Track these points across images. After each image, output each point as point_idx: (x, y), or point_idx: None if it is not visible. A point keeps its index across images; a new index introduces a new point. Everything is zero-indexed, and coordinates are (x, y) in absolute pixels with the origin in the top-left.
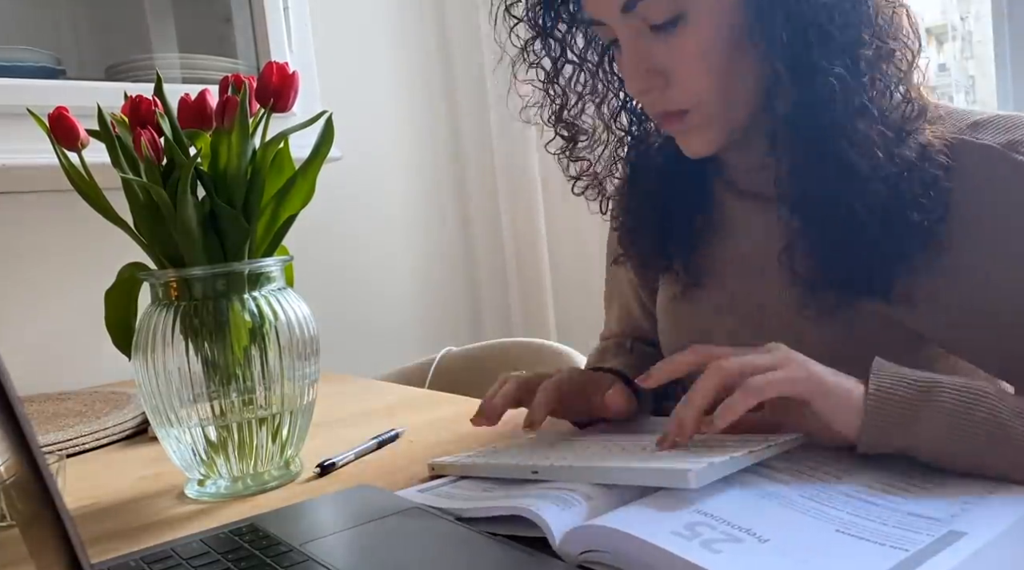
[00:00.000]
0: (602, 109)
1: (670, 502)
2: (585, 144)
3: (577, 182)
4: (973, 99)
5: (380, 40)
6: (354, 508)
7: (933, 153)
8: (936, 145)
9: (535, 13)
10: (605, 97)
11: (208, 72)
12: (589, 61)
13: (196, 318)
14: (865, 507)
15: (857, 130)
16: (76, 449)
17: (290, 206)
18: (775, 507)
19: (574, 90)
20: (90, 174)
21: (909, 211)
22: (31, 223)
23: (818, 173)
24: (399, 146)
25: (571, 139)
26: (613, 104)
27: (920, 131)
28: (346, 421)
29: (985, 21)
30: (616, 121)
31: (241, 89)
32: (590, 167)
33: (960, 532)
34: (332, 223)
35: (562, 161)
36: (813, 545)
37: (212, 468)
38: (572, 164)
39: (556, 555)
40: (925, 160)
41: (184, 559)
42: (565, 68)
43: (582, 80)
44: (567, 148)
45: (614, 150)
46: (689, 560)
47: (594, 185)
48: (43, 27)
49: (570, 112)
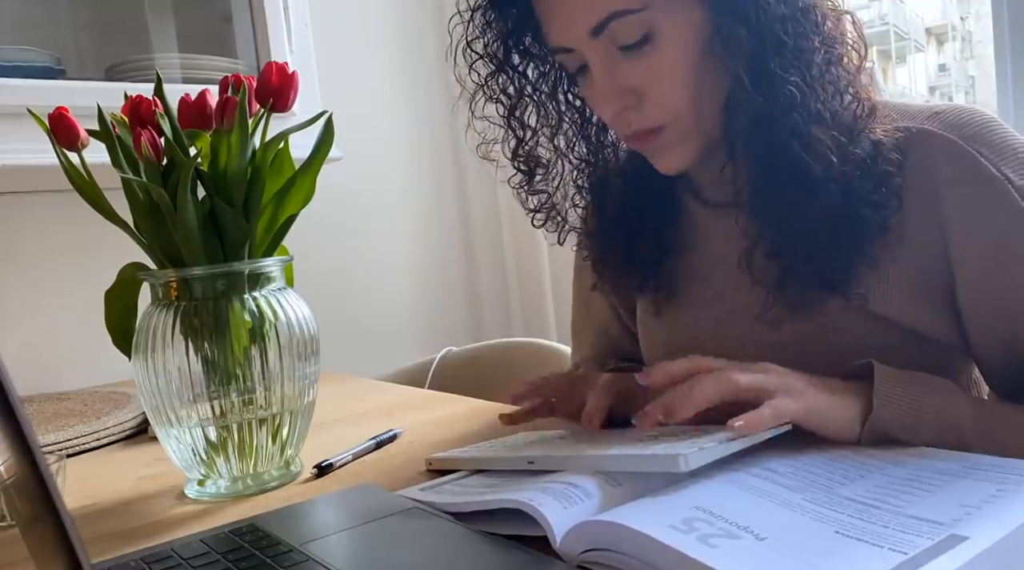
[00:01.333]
0: (557, 139)
1: (669, 498)
2: (542, 177)
3: (536, 215)
4: (973, 99)
5: (380, 40)
6: (354, 508)
7: (885, 150)
8: (887, 142)
9: (494, 47)
10: (559, 127)
11: (208, 72)
12: (542, 92)
13: (196, 318)
14: (866, 510)
15: (812, 135)
16: (76, 449)
17: (290, 206)
18: (774, 507)
19: (528, 124)
20: (90, 174)
21: (863, 209)
22: (31, 223)
23: (776, 178)
24: (399, 146)
25: (529, 173)
26: (569, 134)
27: (871, 130)
28: (346, 421)
29: (985, 21)
30: (572, 150)
31: (240, 89)
32: (548, 199)
33: (961, 536)
34: (332, 223)
35: (520, 194)
36: (811, 545)
37: (212, 468)
38: (530, 197)
39: (556, 555)
40: (877, 157)
41: (184, 559)
42: (521, 102)
43: (538, 112)
44: (525, 182)
45: (572, 180)
46: (684, 553)
47: (553, 217)
48: (43, 27)
49: (526, 146)
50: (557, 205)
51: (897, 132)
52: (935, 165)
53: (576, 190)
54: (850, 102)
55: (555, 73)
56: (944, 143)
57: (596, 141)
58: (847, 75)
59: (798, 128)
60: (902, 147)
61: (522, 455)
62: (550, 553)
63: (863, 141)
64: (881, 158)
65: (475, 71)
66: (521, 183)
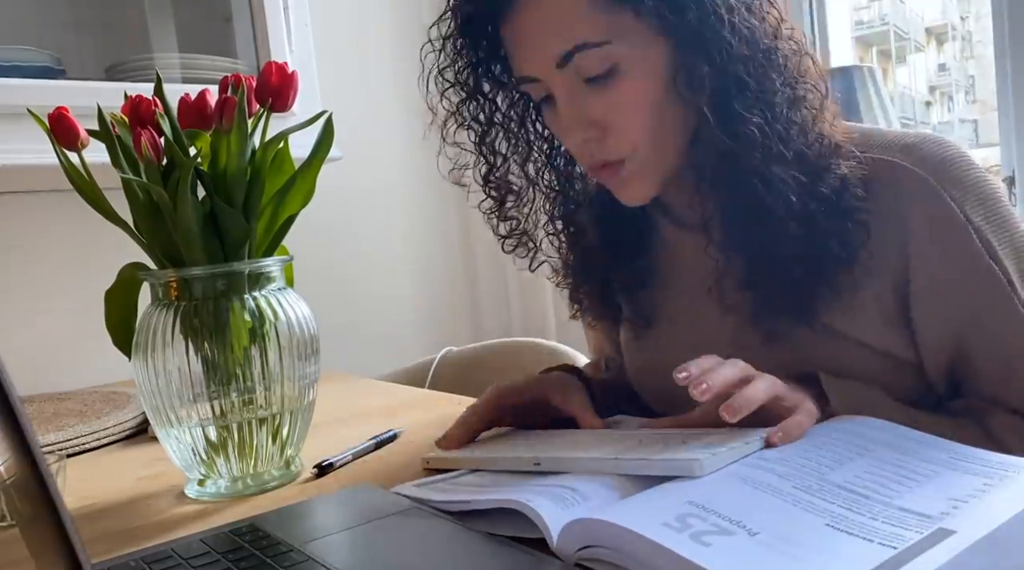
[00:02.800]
0: (527, 168)
1: (663, 494)
2: (513, 204)
3: (507, 241)
4: (973, 99)
5: (380, 40)
6: (354, 508)
7: (851, 186)
8: (853, 178)
9: (464, 75)
10: (528, 156)
11: (208, 72)
12: (512, 120)
13: (196, 318)
14: (856, 500)
15: (773, 174)
16: (76, 449)
17: (290, 206)
18: (767, 498)
19: (499, 151)
20: (90, 174)
21: (830, 242)
22: (31, 223)
23: (739, 214)
24: (399, 146)
25: (500, 200)
26: (538, 163)
27: (837, 166)
28: (346, 421)
29: (985, 21)
30: (542, 178)
31: (240, 89)
32: (519, 225)
33: (949, 530)
34: (332, 223)
35: (492, 221)
36: (802, 540)
37: (212, 468)
38: (501, 223)
39: (554, 555)
40: (843, 192)
41: (184, 559)
42: (491, 129)
43: (508, 140)
44: (496, 208)
45: (542, 207)
46: (677, 552)
47: (524, 243)
48: (43, 27)
49: (496, 173)
50: (528, 232)
51: (863, 167)
52: (907, 200)
53: (548, 219)
54: (814, 140)
55: (523, 102)
56: (915, 181)
57: (565, 170)
58: (810, 113)
59: (759, 167)
60: (871, 179)
61: (528, 456)
62: (548, 554)
63: (828, 178)
64: (847, 194)
65: (447, 98)
66: (492, 209)
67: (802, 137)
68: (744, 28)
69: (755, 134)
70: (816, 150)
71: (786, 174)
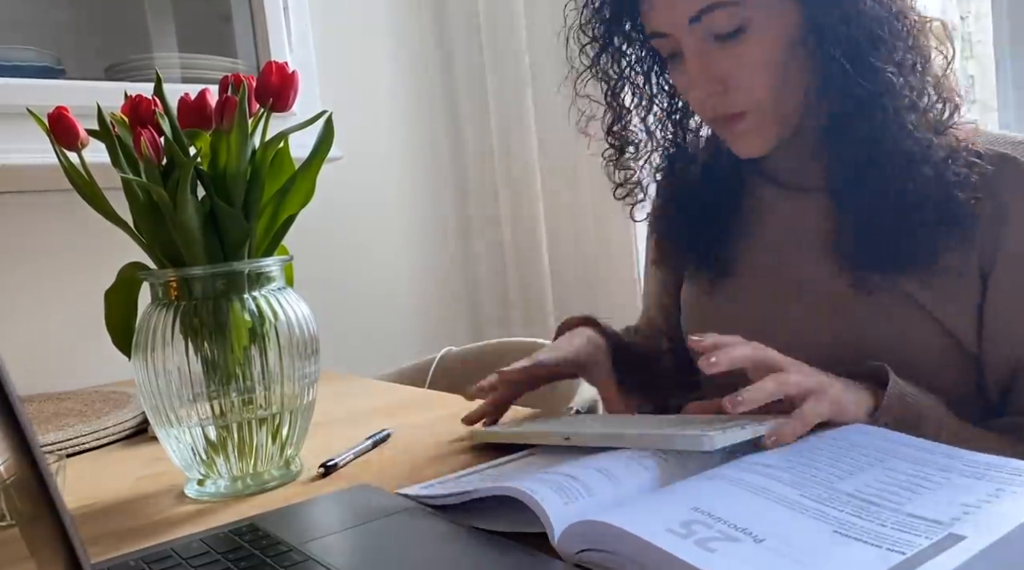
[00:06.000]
0: (647, 120)
1: (668, 497)
2: (631, 155)
3: (619, 188)
4: (973, 98)
5: (380, 40)
6: (354, 508)
7: (964, 149)
8: (964, 143)
9: (600, 30)
10: (650, 109)
11: (208, 72)
12: (640, 74)
13: (196, 318)
14: (865, 507)
15: (909, 121)
16: (76, 449)
17: (290, 206)
18: (773, 505)
19: (624, 104)
20: (90, 174)
21: (954, 189)
22: (31, 223)
23: (874, 162)
24: (399, 146)
25: (620, 149)
26: (658, 116)
27: (954, 128)
28: (346, 421)
29: (985, 21)
30: (658, 131)
31: (240, 89)
32: (634, 174)
33: (959, 536)
34: (332, 223)
35: (609, 168)
36: (809, 546)
37: (212, 468)
38: (618, 172)
39: (555, 553)
40: (962, 150)
41: (184, 559)
42: (620, 82)
43: (633, 94)
44: (615, 157)
45: (655, 160)
46: (682, 558)
47: (634, 192)
48: (43, 27)
49: (619, 124)
50: (641, 182)
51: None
52: (1011, 191)
53: (657, 170)
54: (936, 101)
55: (650, 58)
56: (1022, 174)
57: (681, 126)
58: (934, 77)
59: (900, 112)
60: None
61: (560, 431)
62: (547, 549)
63: (949, 137)
64: (966, 151)
65: (585, 53)
66: (612, 157)
67: (925, 97)
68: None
69: (892, 81)
70: (939, 110)
71: (918, 121)
